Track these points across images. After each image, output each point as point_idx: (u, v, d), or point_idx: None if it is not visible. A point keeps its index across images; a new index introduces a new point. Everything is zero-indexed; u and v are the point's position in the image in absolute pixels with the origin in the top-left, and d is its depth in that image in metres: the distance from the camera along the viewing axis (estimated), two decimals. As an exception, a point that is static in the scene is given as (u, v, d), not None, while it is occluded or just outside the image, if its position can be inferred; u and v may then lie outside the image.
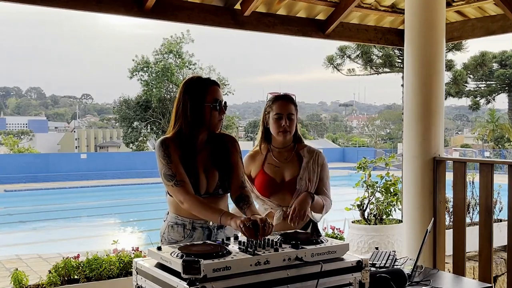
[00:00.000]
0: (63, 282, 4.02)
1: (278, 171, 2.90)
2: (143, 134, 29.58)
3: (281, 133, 2.87)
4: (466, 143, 42.17)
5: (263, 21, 4.58)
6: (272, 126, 2.88)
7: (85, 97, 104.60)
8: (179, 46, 27.68)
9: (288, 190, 2.87)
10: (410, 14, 4.46)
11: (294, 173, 2.89)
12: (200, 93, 2.46)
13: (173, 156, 2.41)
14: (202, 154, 2.51)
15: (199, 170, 2.47)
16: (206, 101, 2.45)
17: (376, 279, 2.31)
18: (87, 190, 20.18)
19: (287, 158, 2.92)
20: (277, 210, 2.85)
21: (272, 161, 2.91)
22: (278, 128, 2.87)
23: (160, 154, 2.42)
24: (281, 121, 2.85)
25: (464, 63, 23.64)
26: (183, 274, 1.74)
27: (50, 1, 3.76)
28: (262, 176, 2.89)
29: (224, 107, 2.51)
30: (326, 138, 56.30)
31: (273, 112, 2.87)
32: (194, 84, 2.49)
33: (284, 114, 2.86)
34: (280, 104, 2.87)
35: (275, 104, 2.88)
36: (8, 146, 37.12)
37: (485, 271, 4.05)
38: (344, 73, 19.32)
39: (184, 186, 2.38)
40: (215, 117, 2.48)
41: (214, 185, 2.49)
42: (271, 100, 2.91)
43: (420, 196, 4.39)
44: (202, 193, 2.45)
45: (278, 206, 2.85)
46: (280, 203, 2.86)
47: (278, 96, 2.91)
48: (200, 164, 2.48)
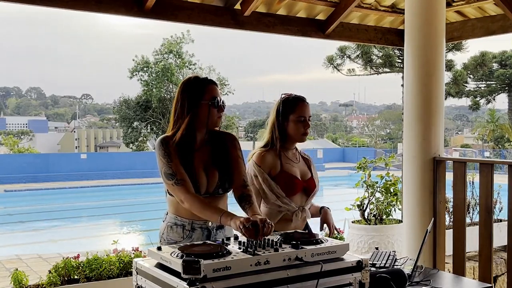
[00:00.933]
0: (63, 282, 4.01)
1: (296, 171, 2.91)
2: (143, 134, 29.58)
3: (303, 135, 2.89)
4: (466, 143, 42.18)
5: (263, 21, 4.58)
6: (294, 128, 2.86)
7: (85, 97, 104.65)
8: (179, 46, 27.68)
9: (307, 189, 2.91)
10: (410, 14, 4.46)
11: (306, 173, 2.95)
12: (198, 91, 2.47)
13: (173, 155, 2.41)
14: (202, 153, 2.51)
15: (198, 170, 2.46)
16: (204, 99, 2.46)
17: (376, 279, 2.31)
18: (87, 190, 20.18)
19: (298, 159, 2.96)
20: (295, 211, 2.86)
21: (288, 161, 2.90)
22: (302, 131, 2.86)
23: (160, 153, 2.42)
24: (305, 124, 2.86)
25: (464, 63, 23.66)
26: (183, 274, 1.74)
27: (50, 1, 3.76)
28: (286, 175, 2.85)
29: (222, 105, 2.51)
30: (326, 138, 56.26)
31: (296, 115, 2.84)
32: (192, 84, 2.50)
33: (307, 117, 2.87)
34: (303, 106, 2.87)
35: (298, 107, 2.86)
36: (8, 146, 37.12)
37: (485, 271, 4.05)
38: (344, 73, 19.34)
39: (184, 185, 2.37)
40: (214, 114, 2.49)
41: (214, 185, 2.49)
42: (291, 102, 2.87)
43: (420, 196, 4.39)
44: (202, 192, 2.45)
45: (295, 207, 2.86)
46: (297, 203, 2.88)
47: (300, 98, 2.89)
48: (200, 164, 2.48)
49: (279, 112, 2.87)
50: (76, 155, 28.63)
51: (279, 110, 2.87)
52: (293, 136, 2.88)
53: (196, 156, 2.48)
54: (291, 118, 2.86)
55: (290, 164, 2.89)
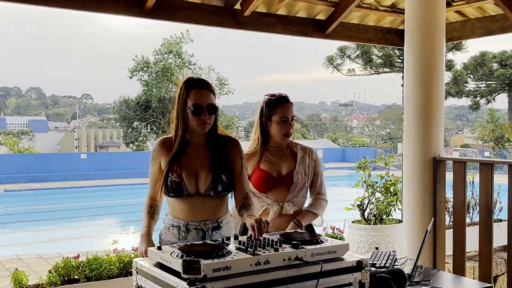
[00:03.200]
0: (63, 282, 4.02)
1: (274, 167, 2.91)
2: (143, 134, 29.56)
3: (285, 136, 2.89)
4: (466, 143, 42.15)
5: (263, 21, 4.58)
6: (276, 129, 2.87)
7: (85, 97, 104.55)
8: (179, 46, 27.68)
9: (284, 184, 2.90)
10: (410, 14, 4.46)
11: (290, 168, 2.92)
12: (184, 97, 2.47)
13: (154, 160, 2.56)
14: (198, 157, 2.51)
15: (186, 172, 2.47)
16: (187, 106, 2.46)
17: (376, 279, 2.31)
18: (87, 190, 20.16)
19: (283, 155, 2.95)
20: (274, 205, 2.86)
21: (268, 158, 2.92)
22: (283, 132, 2.87)
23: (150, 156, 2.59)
24: (287, 125, 2.86)
25: (464, 63, 23.65)
26: (183, 274, 1.74)
27: (50, 1, 3.76)
28: (259, 172, 2.90)
29: (208, 110, 2.45)
30: (326, 138, 56.24)
31: (277, 116, 2.85)
32: (181, 88, 2.50)
33: (289, 117, 2.87)
34: (285, 107, 2.87)
35: (279, 107, 2.86)
36: (8, 146, 37.10)
37: (485, 271, 4.05)
38: (344, 73, 19.33)
39: (149, 190, 2.60)
40: (193, 121, 2.46)
41: (204, 187, 2.48)
42: (272, 103, 2.88)
43: (420, 196, 4.38)
44: (192, 193, 2.47)
45: (275, 201, 2.88)
46: (277, 198, 2.88)
47: (281, 99, 2.89)
48: (192, 166, 2.49)
49: (263, 113, 2.89)
50: (76, 155, 28.63)
51: (262, 111, 2.90)
52: (275, 137, 2.89)
53: (189, 159, 2.49)
54: (273, 119, 2.87)
55: (268, 161, 2.91)
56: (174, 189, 2.47)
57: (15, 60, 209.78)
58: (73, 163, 24.03)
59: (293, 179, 2.90)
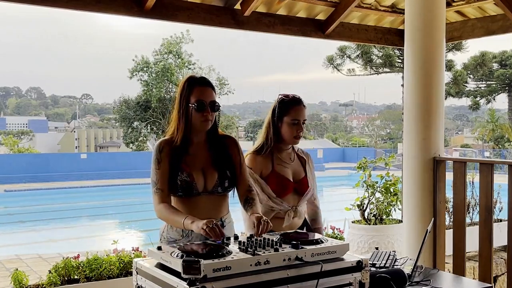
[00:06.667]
0: (63, 282, 4.02)
1: (288, 171, 2.91)
2: (143, 134, 29.56)
3: (295, 138, 2.88)
4: (466, 143, 42.15)
5: (263, 21, 4.58)
6: (287, 130, 2.86)
7: (85, 97, 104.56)
8: (178, 46, 27.66)
9: (299, 189, 2.91)
10: (410, 14, 4.46)
11: (301, 173, 2.95)
12: (186, 94, 2.47)
13: (163, 162, 2.47)
14: (200, 155, 2.52)
15: (195, 170, 2.48)
16: (190, 102, 2.46)
17: (376, 279, 2.31)
18: (87, 190, 20.16)
19: (292, 159, 2.96)
20: (289, 210, 2.86)
21: (281, 162, 2.91)
22: (293, 134, 2.87)
23: (153, 158, 2.51)
24: (297, 127, 2.86)
25: (464, 63, 23.66)
26: (183, 274, 1.74)
27: (50, 1, 3.76)
28: (277, 177, 2.86)
29: (211, 107, 2.46)
30: (326, 138, 56.26)
31: (290, 117, 2.85)
32: (183, 85, 2.50)
33: (301, 120, 2.87)
34: (298, 109, 2.87)
35: (292, 109, 2.86)
36: (8, 146, 37.08)
37: (485, 271, 4.05)
38: (344, 73, 19.32)
39: (160, 194, 2.47)
40: (197, 118, 2.46)
41: (212, 184, 2.50)
42: (286, 103, 2.87)
43: (420, 196, 4.39)
44: (200, 191, 2.48)
45: (288, 207, 2.87)
46: (293, 203, 2.88)
47: (295, 100, 2.88)
48: (197, 164, 2.50)
49: (275, 113, 2.88)
50: (76, 155, 28.62)
51: (275, 110, 2.88)
52: (286, 138, 2.89)
53: (193, 158, 2.50)
54: (285, 119, 2.86)
55: (282, 165, 2.89)
56: (183, 188, 2.46)
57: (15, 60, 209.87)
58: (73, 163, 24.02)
59: (307, 185, 2.93)
